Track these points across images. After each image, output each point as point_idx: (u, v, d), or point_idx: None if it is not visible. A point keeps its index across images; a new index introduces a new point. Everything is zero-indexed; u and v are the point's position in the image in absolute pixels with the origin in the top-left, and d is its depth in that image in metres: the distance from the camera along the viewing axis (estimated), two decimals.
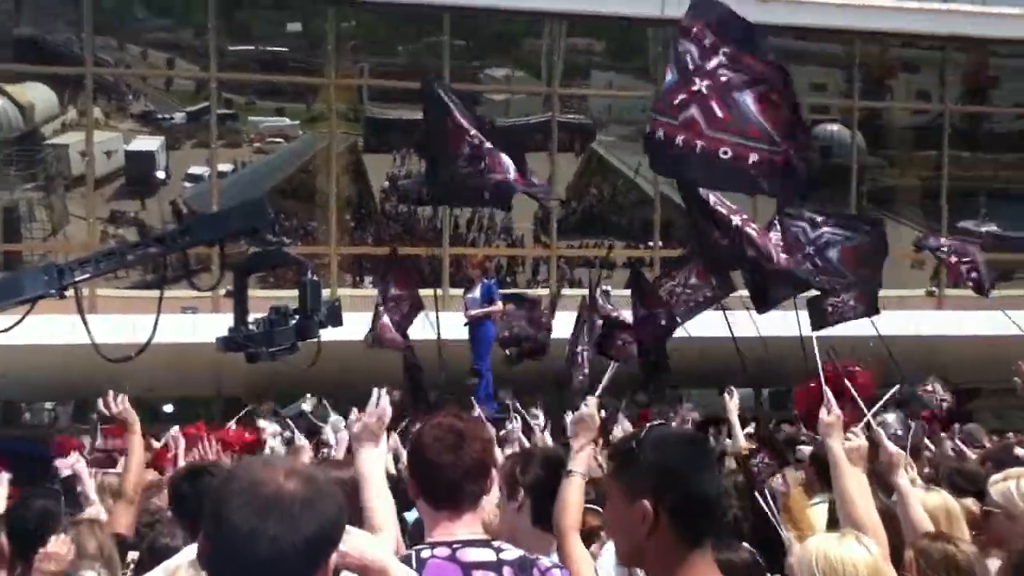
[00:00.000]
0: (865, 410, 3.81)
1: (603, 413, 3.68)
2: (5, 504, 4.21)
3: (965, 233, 15.74)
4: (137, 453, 4.01)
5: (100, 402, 4.37)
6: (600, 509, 3.22)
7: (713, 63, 5.12)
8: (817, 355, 4.09)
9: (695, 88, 5.08)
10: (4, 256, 14.92)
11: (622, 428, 7.08)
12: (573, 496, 3.00)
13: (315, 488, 1.54)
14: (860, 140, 16.95)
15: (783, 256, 6.49)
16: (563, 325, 10.50)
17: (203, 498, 3.07)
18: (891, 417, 6.04)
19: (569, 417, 3.30)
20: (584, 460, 3.09)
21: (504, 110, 16.89)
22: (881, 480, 3.66)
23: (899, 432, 6.05)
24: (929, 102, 17.84)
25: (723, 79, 5.11)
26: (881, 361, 9.39)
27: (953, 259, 11.08)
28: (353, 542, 1.89)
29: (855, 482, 3.08)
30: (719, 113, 5.02)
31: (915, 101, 17.94)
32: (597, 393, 3.44)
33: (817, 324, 8.34)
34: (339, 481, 3.21)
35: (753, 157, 4.96)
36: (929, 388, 9.95)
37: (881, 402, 4.15)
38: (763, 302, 6.95)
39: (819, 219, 8.17)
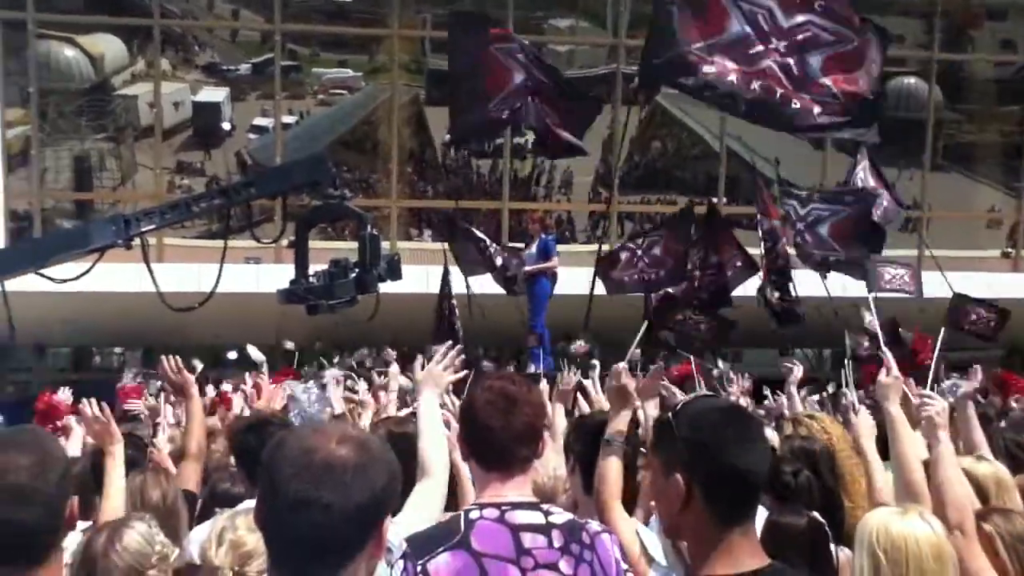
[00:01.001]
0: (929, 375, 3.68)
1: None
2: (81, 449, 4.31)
3: None
4: (197, 415, 4.06)
5: (160, 365, 4.40)
6: None
7: (797, 19, 5.11)
8: (872, 316, 3.96)
9: (772, 45, 5.11)
10: (76, 205, 15.31)
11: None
12: (612, 465, 2.97)
13: (368, 454, 1.53)
14: (938, 93, 16.33)
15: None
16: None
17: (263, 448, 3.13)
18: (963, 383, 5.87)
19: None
20: (622, 426, 3.06)
21: (568, 61, 16.64)
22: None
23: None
24: (1015, 53, 17.05)
25: (799, 38, 5.11)
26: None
27: None
28: None
29: (914, 448, 2.96)
30: (795, 71, 5.09)
31: (999, 52, 17.17)
32: (627, 358, 3.41)
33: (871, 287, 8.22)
34: (403, 435, 3.25)
35: (817, 109, 5.05)
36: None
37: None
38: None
39: (809, 195, 8.43)
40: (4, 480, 1.64)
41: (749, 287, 8.73)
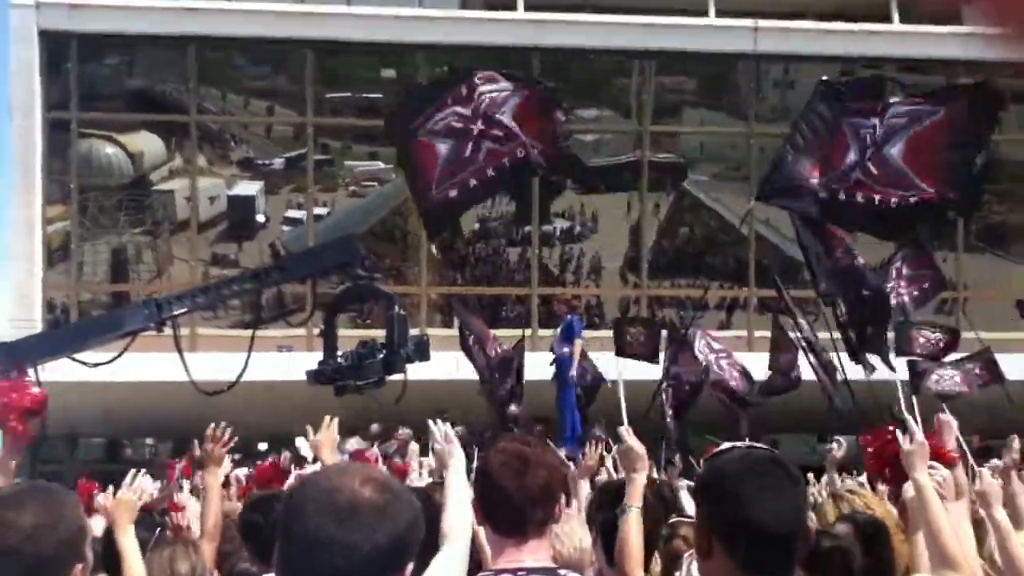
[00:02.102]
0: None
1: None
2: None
3: None
4: (215, 491, 4.00)
5: (207, 435, 4.36)
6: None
7: (872, 121, 5.49)
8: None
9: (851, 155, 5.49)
10: (112, 297, 15.57)
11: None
12: (631, 533, 2.91)
13: (391, 494, 1.51)
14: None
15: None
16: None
17: (272, 524, 3.08)
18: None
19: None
20: (638, 493, 3.01)
21: (594, 150, 16.90)
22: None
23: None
24: None
25: (877, 135, 5.50)
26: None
27: None
28: None
29: (945, 517, 2.86)
30: (874, 171, 5.44)
31: None
32: (627, 422, 3.38)
33: (914, 385, 8.12)
34: (427, 500, 3.20)
35: (913, 199, 5.39)
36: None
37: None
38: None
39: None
40: None
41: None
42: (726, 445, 1.87)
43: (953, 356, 9.05)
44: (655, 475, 6.53)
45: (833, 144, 5.50)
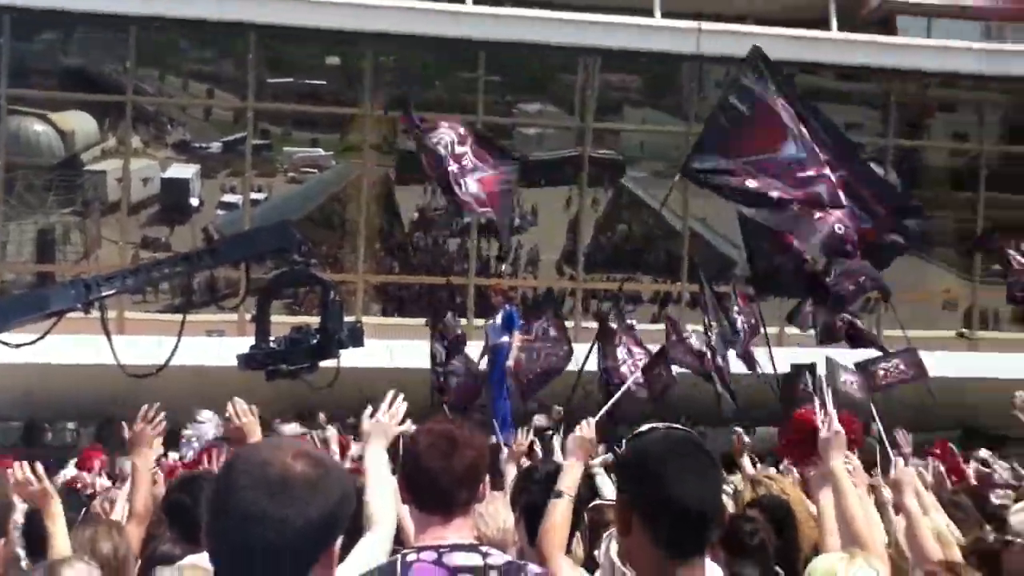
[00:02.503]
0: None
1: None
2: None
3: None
4: (145, 473, 3.93)
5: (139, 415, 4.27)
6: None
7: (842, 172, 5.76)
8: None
9: (825, 172, 5.67)
10: (37, 277, 15.14)
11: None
12: (559, 518, 2.96)
13: (324, 469, 1.52)
14: (894, 179, 16.81)
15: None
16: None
17: (198, 504, 3.07)
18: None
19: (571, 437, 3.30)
20: (573, 481, 3.08)
21: (537, 143, 16.96)
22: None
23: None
24: (966, 142, 17.70)
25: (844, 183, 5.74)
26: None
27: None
28: None
29: (859, 503, 2.97)
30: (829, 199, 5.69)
31: (951, 141, 17.81)
32: (597, 417, 3.45)
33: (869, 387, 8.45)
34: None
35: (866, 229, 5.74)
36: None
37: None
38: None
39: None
40: None
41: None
42: (646, 426, 1.90)
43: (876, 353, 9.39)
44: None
45: (764, 122, 5.58)
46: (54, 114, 15.25)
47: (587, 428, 3.27)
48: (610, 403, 4.18)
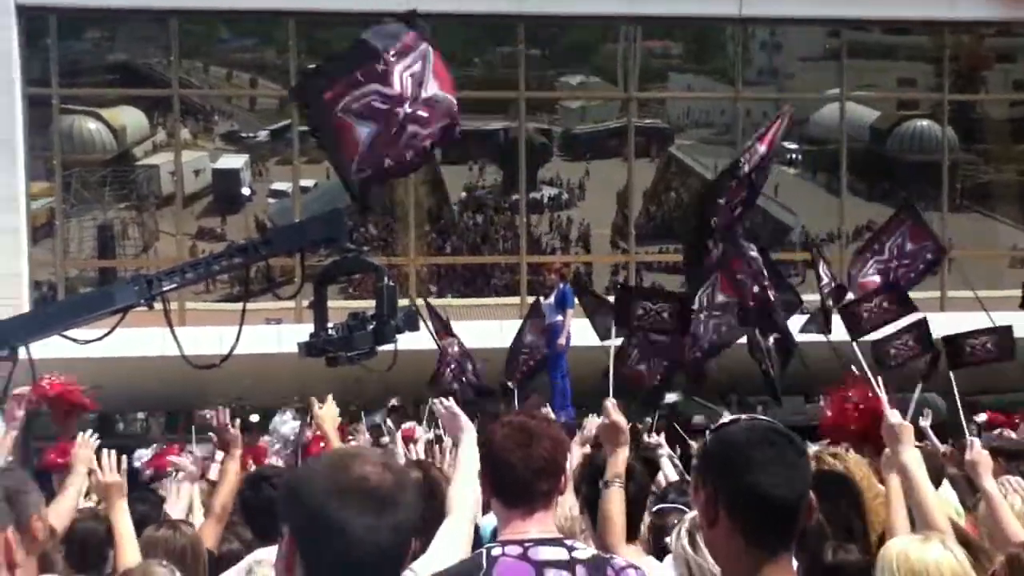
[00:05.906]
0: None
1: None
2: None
3: None
4: (232, 476, 4.00)
5: (212, 416, 4.34)
6: None
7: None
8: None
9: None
10: (99, 273, 15.51)
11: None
12: (613, 508, 2.93)
13: (400, 476, 1.57)
14: (951, 135, 16.34)
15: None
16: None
17: (267, 503, 3.12)
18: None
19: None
20: (620, 468, 3.03)
21: (580, 117, 16.82)
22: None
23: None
24: None
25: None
26: None
27: None
28: None
29: (931, 491, 2.91)
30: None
31: (1011, 92, 17.21)
32: (612, 394, 3.42)
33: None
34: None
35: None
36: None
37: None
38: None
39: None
40: None
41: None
42: (729, 417, 1.89)
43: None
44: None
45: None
46: (104, 111, 15.53)
47: (612, 412, 3.20)
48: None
